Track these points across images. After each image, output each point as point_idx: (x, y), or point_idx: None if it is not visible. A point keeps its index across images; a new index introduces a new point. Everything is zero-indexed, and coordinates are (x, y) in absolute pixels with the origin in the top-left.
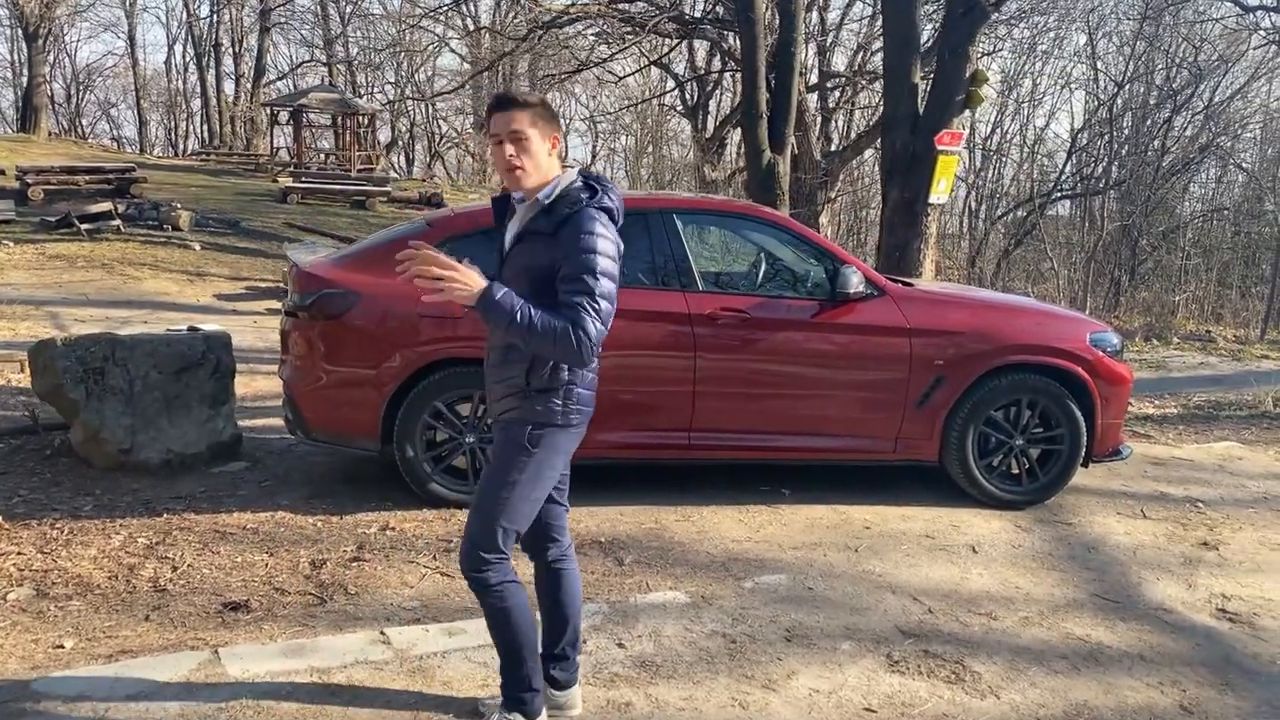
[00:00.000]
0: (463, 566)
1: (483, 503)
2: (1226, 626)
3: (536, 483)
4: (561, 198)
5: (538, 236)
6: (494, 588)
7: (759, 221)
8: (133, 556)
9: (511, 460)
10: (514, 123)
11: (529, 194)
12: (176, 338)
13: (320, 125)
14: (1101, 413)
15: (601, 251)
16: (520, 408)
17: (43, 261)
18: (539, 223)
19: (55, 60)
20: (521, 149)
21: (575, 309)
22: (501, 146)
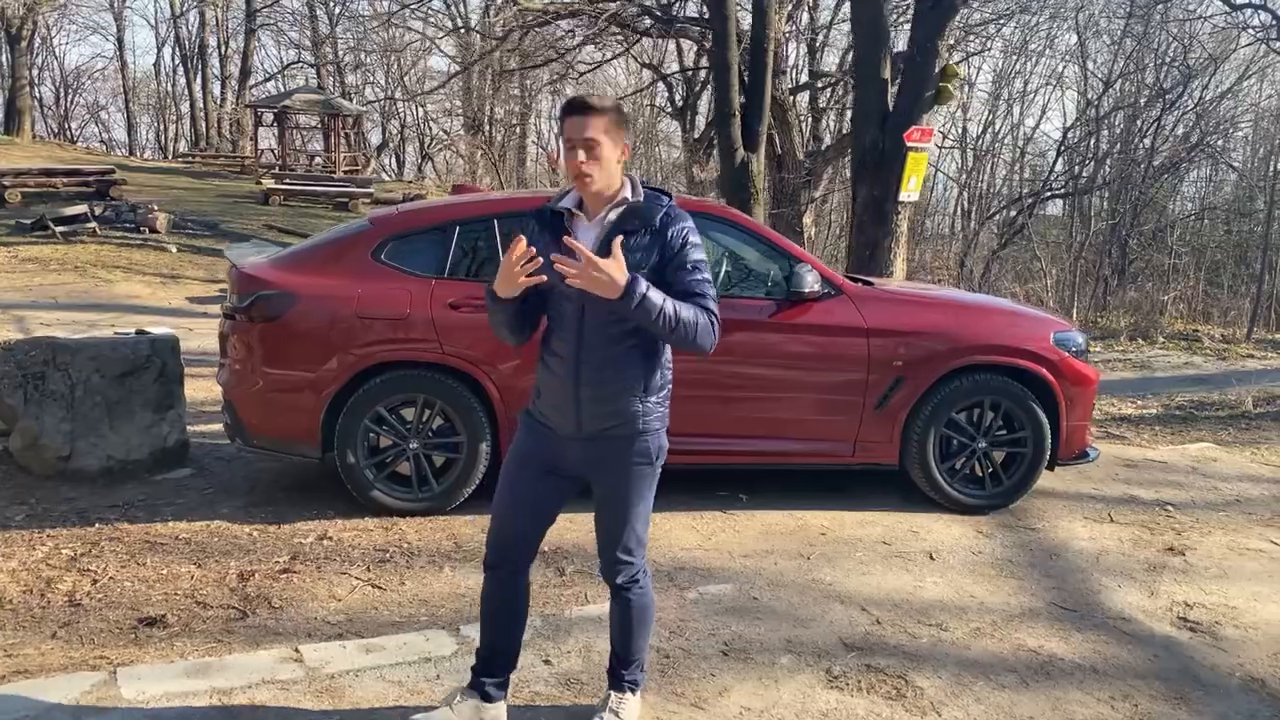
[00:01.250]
0: (605, 574)
1: (623, 516)
2: (1187, 636)
3: (655, 485)
4: (651, 198)
5: (637, 235)
6: (640, 585)
7: (713, 219)
8: (53, 569)
9: (644, 477)
10: (588, 129)
11: (595, 198)
12: (121, 341)
13: (309, 127)
14: (1066, 414)
15: (702, 247)
16: (631, 421)
17: (15, 265)
18: (634, 222)
19: (43, 63)
20: (592, 155)
21: (705, 298)
22: (574, 151)
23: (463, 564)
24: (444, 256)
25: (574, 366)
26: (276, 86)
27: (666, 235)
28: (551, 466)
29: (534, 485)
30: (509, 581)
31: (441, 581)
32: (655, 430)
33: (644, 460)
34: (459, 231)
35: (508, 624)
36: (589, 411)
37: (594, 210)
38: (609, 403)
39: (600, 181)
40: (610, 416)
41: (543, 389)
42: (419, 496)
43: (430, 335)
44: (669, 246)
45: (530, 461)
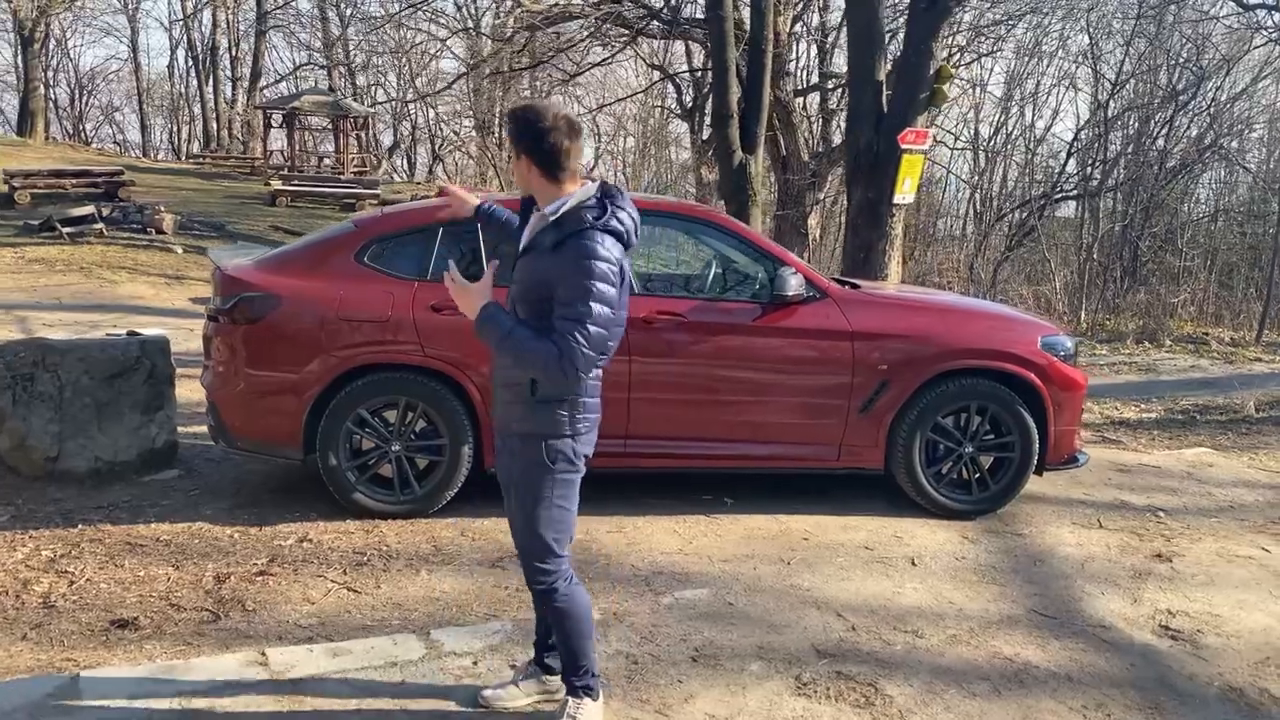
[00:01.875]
0: (528, 582)
1: (525, 521)
2: (1167, 645)
3: (566, 491)
4: (569, 214)
5: (541, 251)
6: (560, 594)
7: (697, 222)
8: (32, 571)
9: (539, 480)
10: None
11: (542, 205)
12: (110, 342)
13: (319, 129)
14: (1054, 419)
15: (598, 276)
16: (530, 419)
17: (21, 265)
18: (545, 237)
19: (58, 65)
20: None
21: (565, 337)
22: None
23: (440, 567)
24: (427, 259)
25: (495, 362)
26: (288, 88)
27: (558, 261)
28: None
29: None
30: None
31: (417, 585)
32: (549, 436)
33: (537, 463)
34: (442, 234)
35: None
36: (497, 400)
37: (538, 215)
38: (505, 396)
39: (524, 187)
40: (508, 411)
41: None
42: (401, 499)
43: (412, 337)
44: (559, 274)
45: (499, 456)
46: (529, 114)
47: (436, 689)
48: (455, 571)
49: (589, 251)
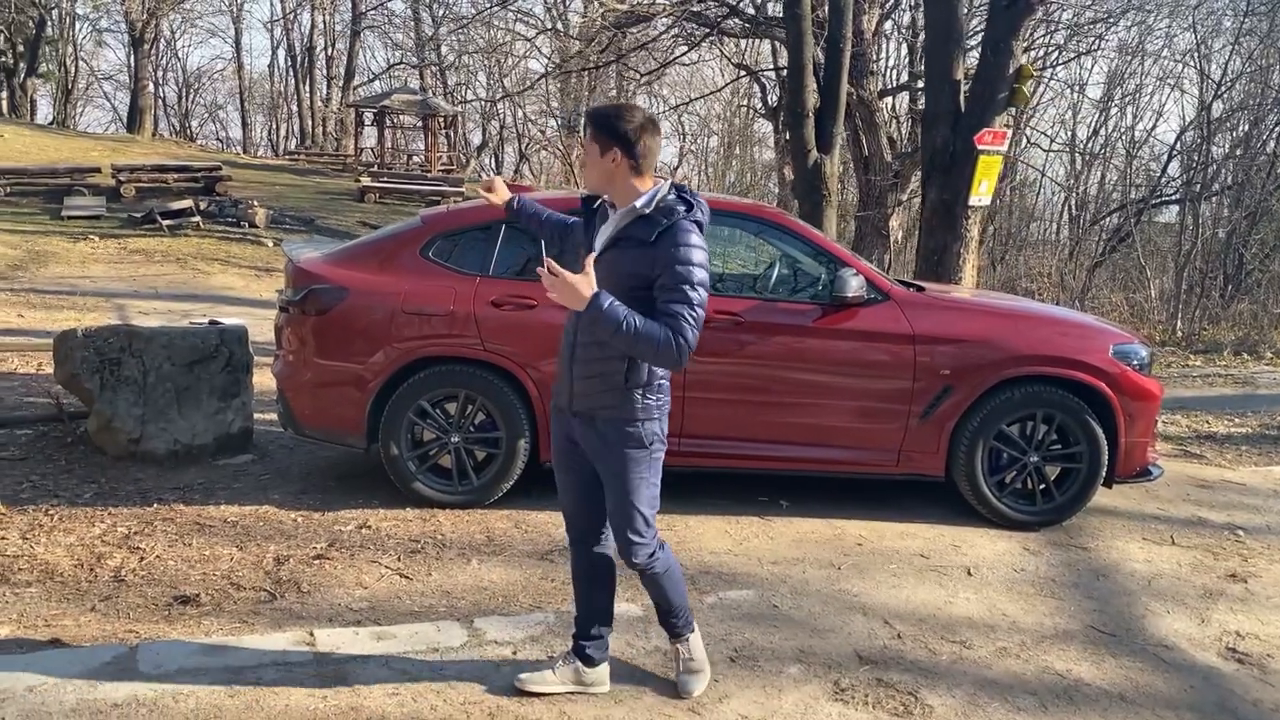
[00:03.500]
0: (623, 557)
1: (621, 501)
2: (1233, 668)
3: (658, 469)
4: (662, 207)
5: (633, 243)
6: (658, 560)
7: (759, 221)
8: (107, 545)
9: (637, 462)
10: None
11: (616, 199)
12: (192, 330)
13: (411, 127)
14: (1125, 430)
15: (698, 263)
16: (618, 405)
17: (123, 256)
18: (636, 230)
19: (167, 65)
20: (588, 163)
21: (676, 318)
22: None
23: (490, 558)
24: (489, 255)
25: (570, 345)
26: (382, 87)
27: (657, 251)
28: (574, 441)
29: (567, 462)
30: (581, 553)
31: (467, 574)
32: (642, 420)
33: (635, 445)
34: (504, 230)
35: (587, 590)
36: (578, 389)
37: (618, 209)
38: (594, 385)
39: (590, 183)
40: (595, 399)
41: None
42: (459, 489)
43: (473, 332)
44: (659, 263)
45: (559, 440)
46: (620, 111)
47: (474, 676)
48: (505, 562)
49: (688, 240)
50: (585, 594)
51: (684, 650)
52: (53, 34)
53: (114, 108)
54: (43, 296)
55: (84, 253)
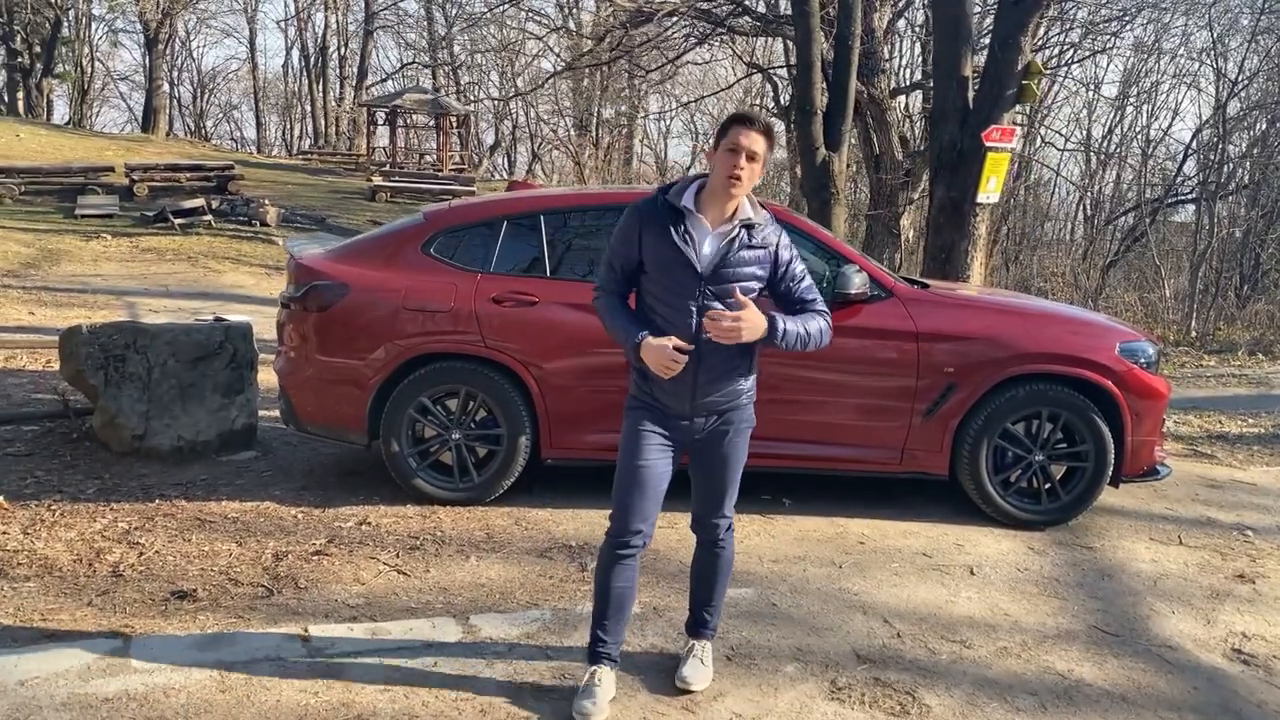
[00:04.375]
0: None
1: (729, 488)
2: (1238, 669)
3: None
4: (763, 218)
5: (754, 250)
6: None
7: None
8: (107, 541)
9: (747, 442)
10: (756, 143)
11: (722, 206)
12: (196, 327)
13: (423, 127)
14: (1132, 429)
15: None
16: (746, 394)
17: (135, 254)
18: (750, 238)
19: (182, 65)
20: (751, 167)
21: (819, 303)
22: (736, 155)
23: (489, 554)
24: (490, 251)
25: (694, 362)
26: (395, 86)
27: (779, 253)
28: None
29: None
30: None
31: (465, 571)
32: (752, 405)
33: (749, 427)
34: (506, 227)
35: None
36: (707, 389)
37: (712, 218)
38: (723, 385)
39: (745, 190)
40: (727, 396)
41: (653, 375)
42: (459, 486)
43: (474, 328)
44: (780, 262)
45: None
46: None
47: (467, 672)
48: (504, 559)
49: (789, 240)
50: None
51: (699, 647)
52: (69, 35)
53: (130, 108)
54: (54, 294)
55: (96, 251)
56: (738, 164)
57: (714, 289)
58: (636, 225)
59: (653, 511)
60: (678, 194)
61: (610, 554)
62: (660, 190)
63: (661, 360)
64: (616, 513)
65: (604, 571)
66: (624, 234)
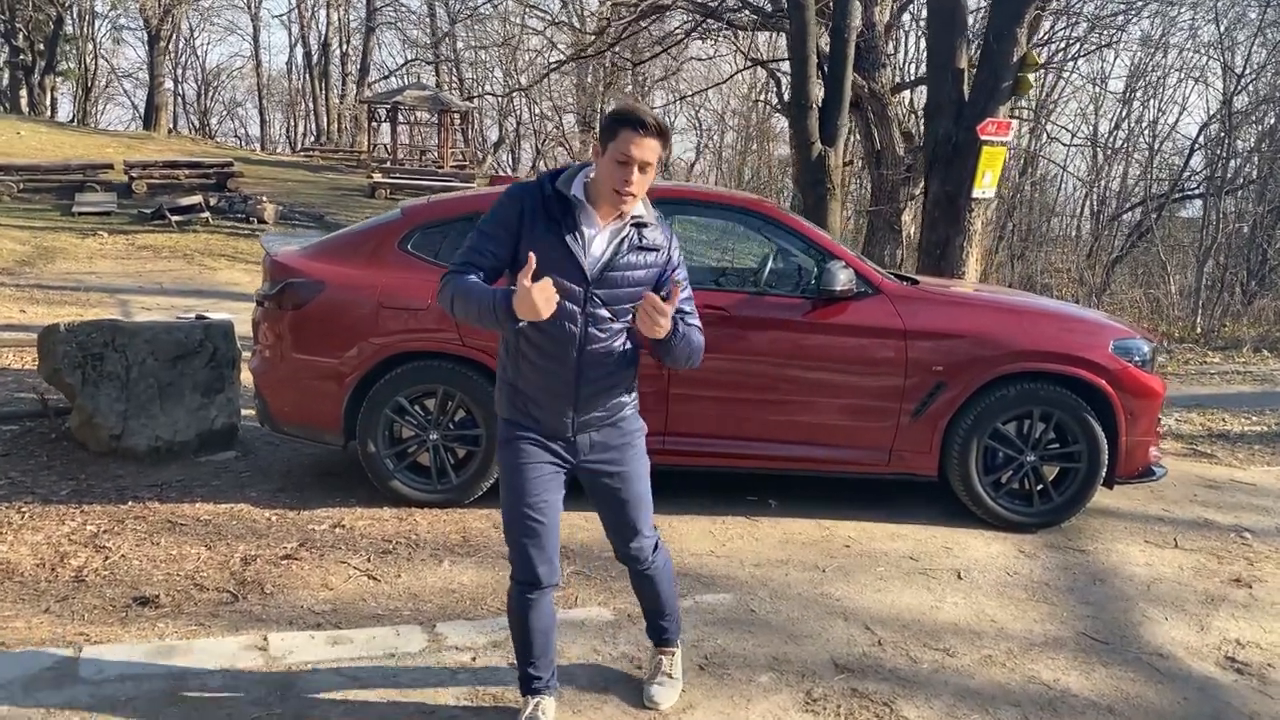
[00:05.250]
0: (643, 559)
1: (641, 498)
2: (1231, 678)
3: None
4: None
5: (644, 253)
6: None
7: (747, 213)
8: (73, 544)
9: (644, 452)
10: (649, 152)
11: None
12: (176, 325)
13: (427, 124)
14: (1126, 428)
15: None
16: (631, 404)
17: (131, 251)
18: (642, 238)
19: (186, 62)
20: (643, 178)
21: (696, 315)
22: (627, 168)
23: (463, 559)
24: None
25: (574, 372)
26: (398, 83)
27: (670, 255)
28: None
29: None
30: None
31: (437, 576)
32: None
33: (641, 431)
34: None
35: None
36: (590, 404)
37: (602, 213)
38: (605, 399)
39: (636, 202)
40: (605, 410)
41: (527, 389)
42: (437, 488)
43: (451, 326)
44: (670, 265)
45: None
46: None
47: (429, 683)
48: (478, 564)
49: (678, 244)
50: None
51: (666, 662)
52: (72, 32)
53: (134, 105)
54: (46, 292)
55: (92, 248)
56: (628, 179)
57: (602, 294)
58: (517, 213)
59: (554, 548)
60: (566, 183)
61: (521, 599)
62: (547, 177)
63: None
64: (516, 559)
65: (519, 616)
66: (501, 221)
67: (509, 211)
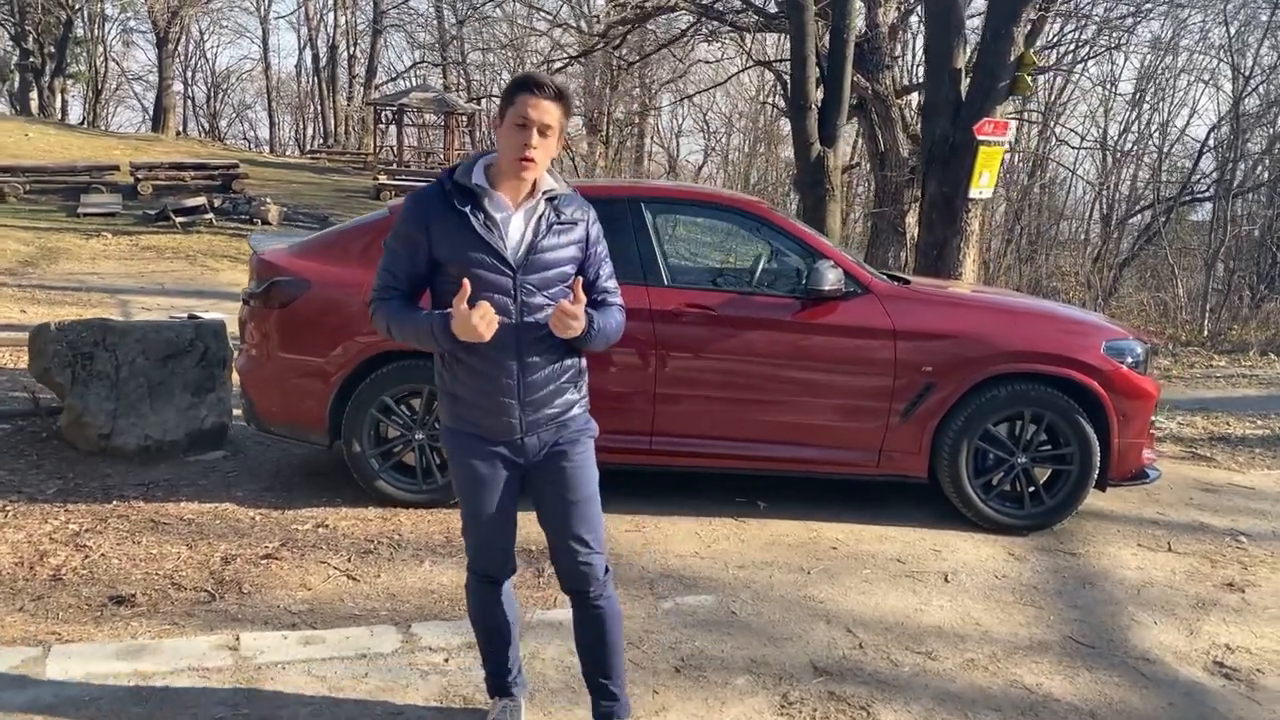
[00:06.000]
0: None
1: (593, 511)
2: (1219, 684)
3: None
4: (565, 188)
5: (565, 229)
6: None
7: (735, 212)
8: (54, 543)
9: (593, 459)
10: (546, 113)
11: (520, 186)
12: (167, 325)
13: (434, 126)
14: (1119, 430)
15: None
16: (578, 418)
17: (134, 252)
18: (559, 215)
19: (196, 65)
20: (545, 142)
21: (617, 294)
22: (525, 131)
23: (445, 559)
24: None
25: (515, 367)
26: (406, 84)
27: (588, 231)
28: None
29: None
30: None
31: (417, 576)
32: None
33: (591, 432)
34: None
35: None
36: (536, 404)
37: (510, 194)
38: (552, 398)
39: (541, 169)
40: (554, 408)
41: (466, 395)
42: (423, 488)
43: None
44: (590, 240)
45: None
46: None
47: (398, 684)
48: (459, 564)
49: (597, 217)
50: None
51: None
52: (82, 34)
53: (144, 108)
54: (48, 292)
55: (96, 249)
56: (528, 142)
57: (532, 280)
58: (422, 219)
59: (510, 542)
60: (465, 173)
61: (478, 590)
62: (445, 174)
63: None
64: (473, 552)
65: (478, 607)
66: (406, 233)
67: (411, 223)
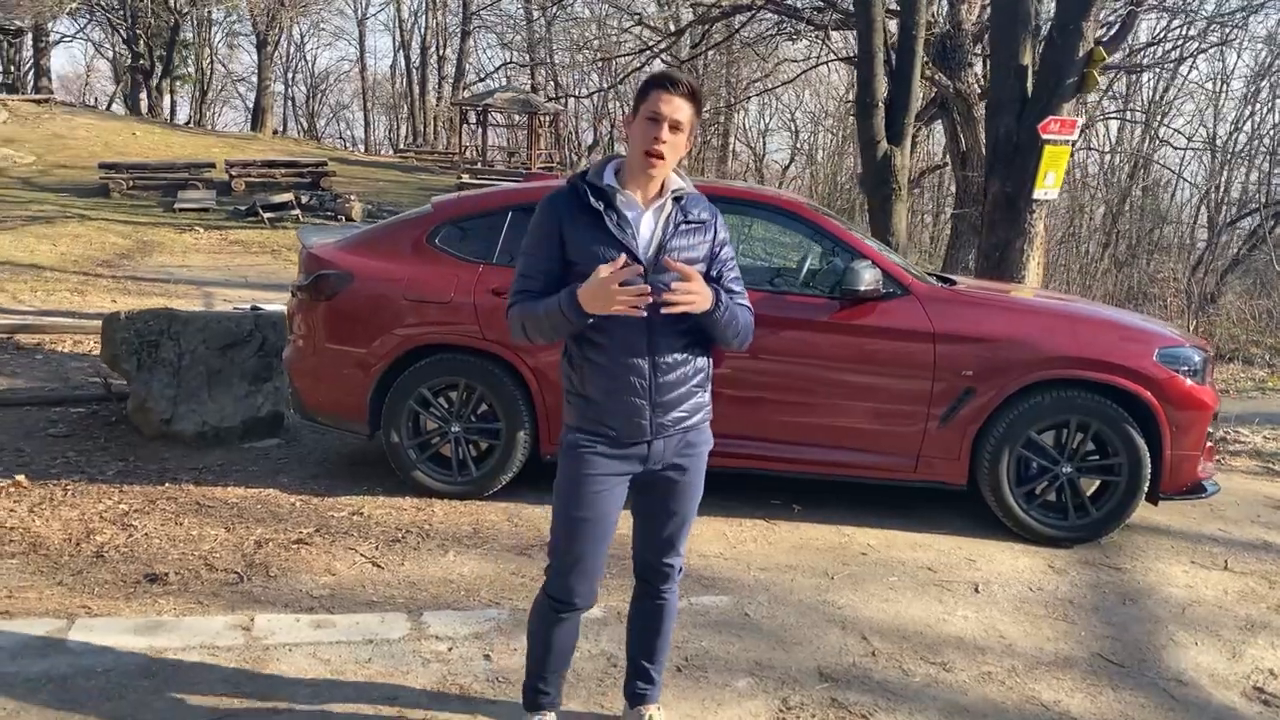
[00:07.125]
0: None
1: (689, 518)
2: (1255, 710)
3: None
4: (692, 188)
5: (695, 228)
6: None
7: (774, 210)
8: (103, 521)
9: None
10: (679, 110)
11: (647, 182)
12: (228, 315)
13: (520, 126)
14: (1171, 442)
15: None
16: (703, 430)
17: (223, 246)
18: (686, 214)
19: (295, 66)
20: (675, 139)
21: (744, 295)
22: (657, 125)
23: (469, 550)
24: (494, 243)
25: (647, 367)
26: (495, 84)
27: (715, 231)
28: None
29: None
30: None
31: (439, 566)
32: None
33: (709, 446)
34: (511, 218)
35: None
36: (664, 408)
37: (639, 193)
38: (684, 396)
39: (669, 166)
40: (684, 410)
41: (597, 395)
42: (458, 480)
43: (473, 320)
44: (717, 242)
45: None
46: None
47: (399, 671)
48: (482, 555)
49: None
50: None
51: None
52: (189, 38)
53: (247, 108)
54: (139, 284)
55: (187, 243)
56: (659, 135)
57: (663, 279)
58: (555, 221)
59: (598, 570)
60: (597, 175)
61: (548, 616)
62: (577, 176)
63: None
64: (556, 574)
65: (544, 629)
66: (541, 235)
67: (547, 222)
